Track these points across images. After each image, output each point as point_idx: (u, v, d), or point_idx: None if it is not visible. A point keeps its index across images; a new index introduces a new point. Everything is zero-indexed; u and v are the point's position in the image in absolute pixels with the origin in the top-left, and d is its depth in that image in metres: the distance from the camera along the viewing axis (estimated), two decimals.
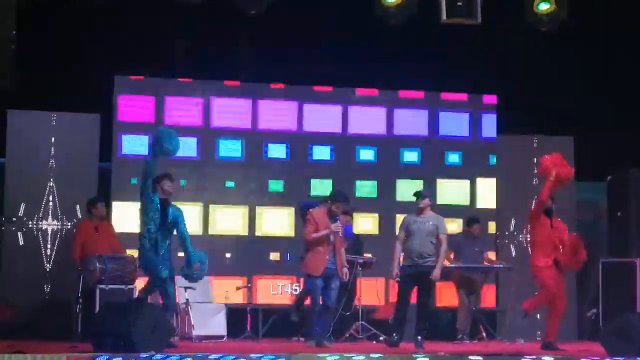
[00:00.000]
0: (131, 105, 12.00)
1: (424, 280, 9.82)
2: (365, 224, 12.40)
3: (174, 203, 9.49)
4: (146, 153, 10.66)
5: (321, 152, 12.50)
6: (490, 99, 12.85)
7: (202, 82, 12.30)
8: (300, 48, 12.00)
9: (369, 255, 11.48)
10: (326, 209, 9.90)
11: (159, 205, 9.24)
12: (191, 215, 11.46)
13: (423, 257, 9.80)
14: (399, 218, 10.81)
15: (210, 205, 12.17)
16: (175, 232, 9.41)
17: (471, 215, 12.15)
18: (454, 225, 12.23)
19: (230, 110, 12.34)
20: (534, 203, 10.05)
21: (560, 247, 9.97)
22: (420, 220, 9.89)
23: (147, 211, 9.23)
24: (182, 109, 12.18)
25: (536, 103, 12.45)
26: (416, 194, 10.10)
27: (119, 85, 11.98)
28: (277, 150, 12.40)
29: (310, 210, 10.02)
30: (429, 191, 10.51)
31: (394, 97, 12.74)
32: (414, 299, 9.99)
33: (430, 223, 9.88)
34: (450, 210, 12.20)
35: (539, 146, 12.64)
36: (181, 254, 9.65)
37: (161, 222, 9.25)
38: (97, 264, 10.26)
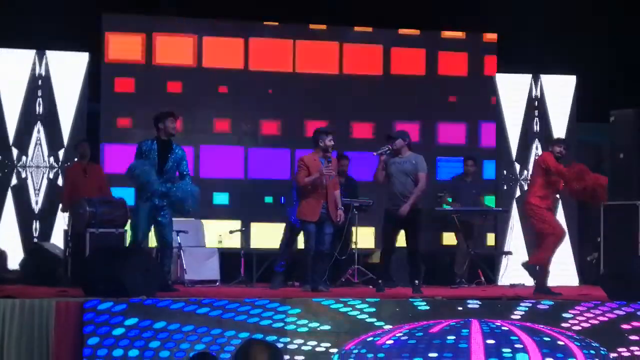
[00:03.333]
0: (120, 44, 11.70)
1: (409, 222, 9.57)
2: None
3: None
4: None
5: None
6: (491, 37, 12.57)
7: (192, 20, 11.98)
8: None
9: (365, 198, 11.29)
10: (318, 152, 9.65)
11: (156, 150, 9.07)
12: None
13: (406, 197, 9.55)
14: None
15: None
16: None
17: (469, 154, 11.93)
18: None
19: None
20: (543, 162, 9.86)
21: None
22: (398, 160, 9.63)
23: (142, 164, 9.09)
24: (172, 47, 11.89)
25: (538, 41, 12.19)
26: (387, 138, 9.82)
27: (107, 23, 11.68)
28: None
29: (302, 157, 9.77)
30: (402, 133, 10.14)
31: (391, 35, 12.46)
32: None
33: (409, 162, 9.63)
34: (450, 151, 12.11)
35: (541, 86, 12.50)
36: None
37: (159, 167, 9.05)
38: (87, 208, 10.04)
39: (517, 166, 12.57)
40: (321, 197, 9.58)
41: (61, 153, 11.45)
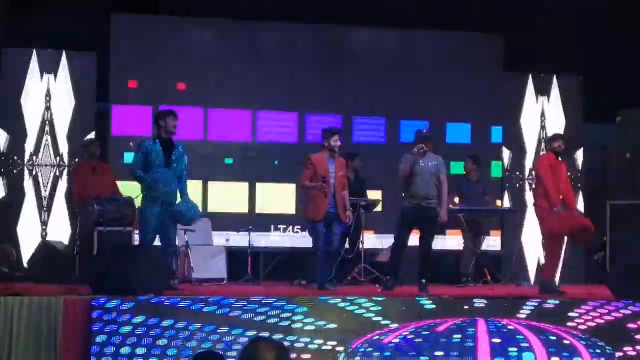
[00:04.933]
0: (129, 45, 11.72)
1: (427, 221, 9.60)
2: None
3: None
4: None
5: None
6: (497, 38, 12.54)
7: (200, 19, 11.99)
8: None
9: (375, 197, 11.31)
10: (325, 152, 9.67)
11: (160, 150, 9.08)
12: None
13: (427, 198, 9.59)
14: None
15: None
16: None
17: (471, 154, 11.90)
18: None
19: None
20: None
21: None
22: (423, 160, 9.65)
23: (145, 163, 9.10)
24: (182, 48, 11.90)
25: (545, 40, 12.18)
26: (424, 138, 9.82)
27: (116, 23, 11.66)
28: None
29: (310, 154, 9.78)
30: (430, 132, 10.16)
31: None
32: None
33: (432, 163, 9.66)
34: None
35: (546, 85, 12.50)
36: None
37: (165, 164, 9.08)
38: (95, 206, 10.07)
39: (528, 166, 12.57)
40: (327, 197, 9.58)
41: (66, 152, 11.46)
